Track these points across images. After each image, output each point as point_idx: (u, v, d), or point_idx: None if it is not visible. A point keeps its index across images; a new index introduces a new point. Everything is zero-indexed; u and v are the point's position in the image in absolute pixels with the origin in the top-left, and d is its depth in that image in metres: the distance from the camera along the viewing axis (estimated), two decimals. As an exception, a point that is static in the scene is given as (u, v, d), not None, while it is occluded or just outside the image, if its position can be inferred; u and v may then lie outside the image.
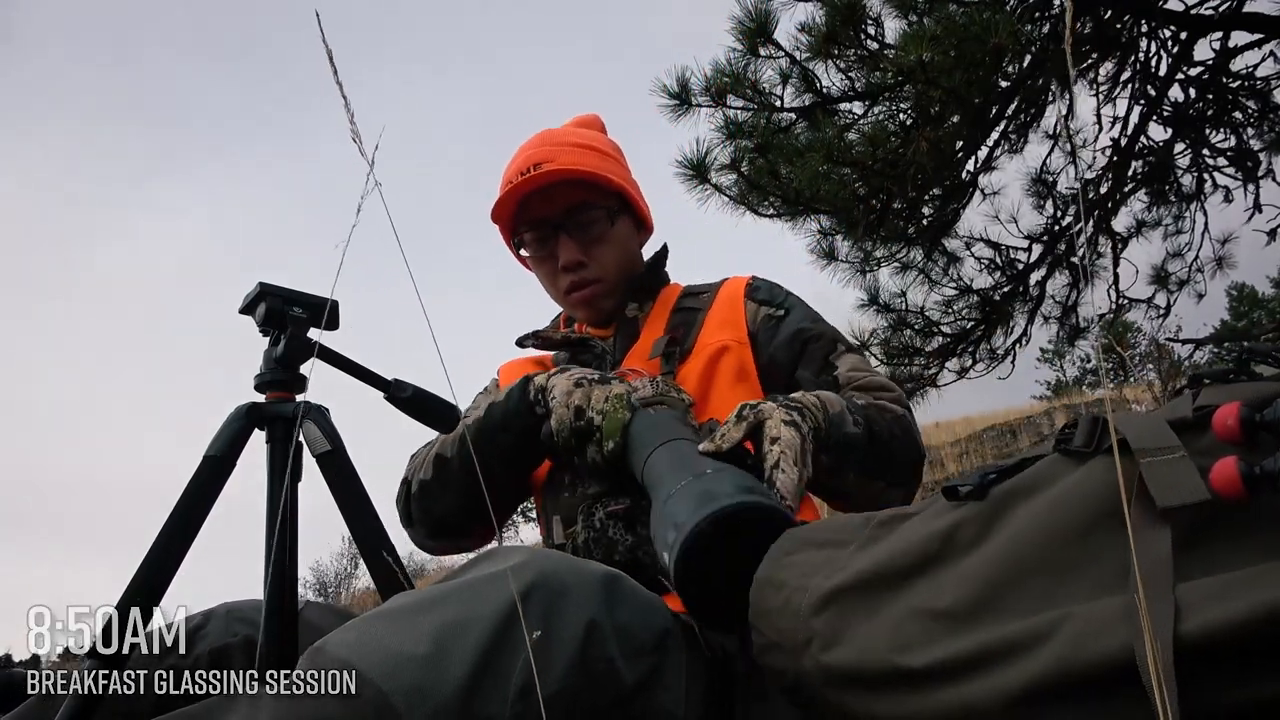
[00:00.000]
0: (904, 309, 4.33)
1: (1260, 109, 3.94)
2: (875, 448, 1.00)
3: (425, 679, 0.58)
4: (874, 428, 1.01)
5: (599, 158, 1.26)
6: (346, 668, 0.59)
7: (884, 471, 1.01)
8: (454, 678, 0.59)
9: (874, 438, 1.00)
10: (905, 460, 1.04)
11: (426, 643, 0.60)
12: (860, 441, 0.98)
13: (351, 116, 0.73)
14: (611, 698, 0.65)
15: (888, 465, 1.01)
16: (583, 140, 1.28)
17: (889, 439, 1.02)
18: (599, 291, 1.26)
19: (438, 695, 0.58)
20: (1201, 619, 0.43)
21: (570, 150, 1.25)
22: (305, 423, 0.93)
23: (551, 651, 0.62)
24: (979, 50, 2.97)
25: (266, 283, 0.99)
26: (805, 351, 1.17)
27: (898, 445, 1.03)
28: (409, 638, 0.61)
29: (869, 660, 0.55)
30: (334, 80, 0.72)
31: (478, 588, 0.65)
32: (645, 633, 0.69)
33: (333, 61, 0.73)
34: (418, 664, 0.59)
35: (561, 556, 0.71)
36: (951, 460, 7.18)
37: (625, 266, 1.28)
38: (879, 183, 3.51)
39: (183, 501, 0.86)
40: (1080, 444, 0.56)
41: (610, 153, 1.29)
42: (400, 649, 0.60)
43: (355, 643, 0.61)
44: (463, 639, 0.61)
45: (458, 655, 0.60)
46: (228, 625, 1.01)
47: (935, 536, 0.57)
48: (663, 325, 1.24)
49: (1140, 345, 10.45)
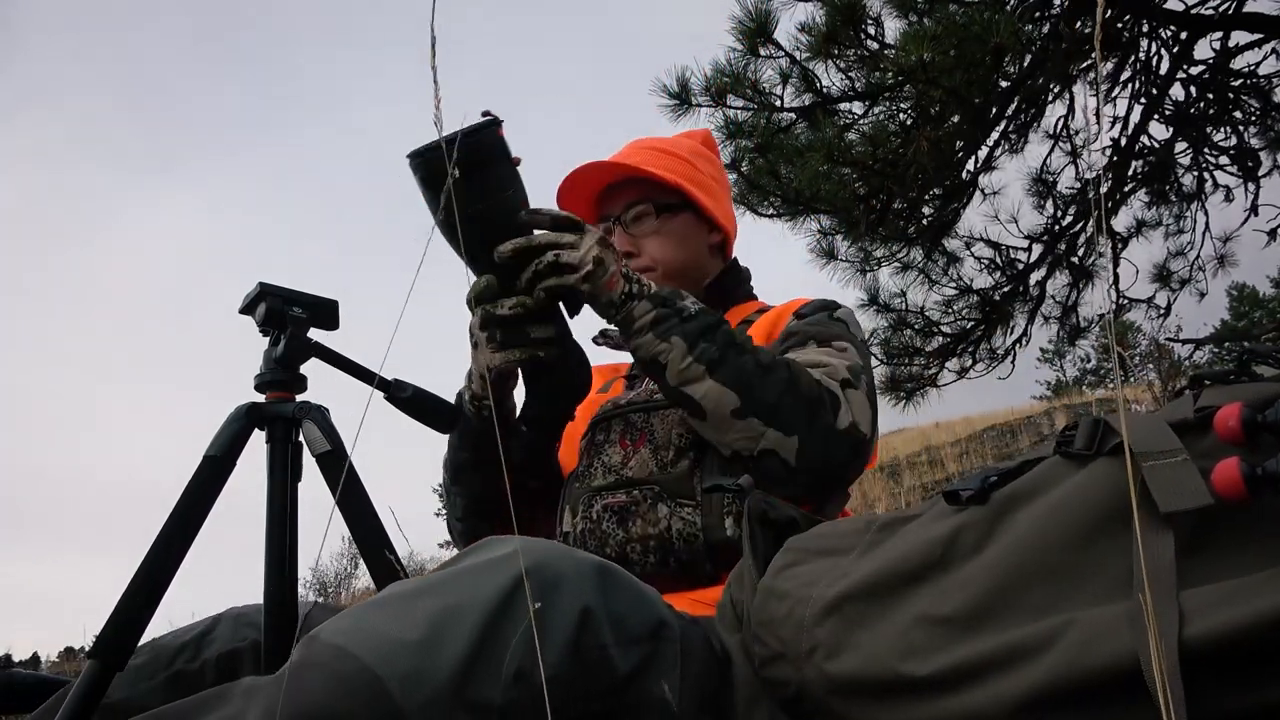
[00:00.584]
0: (904, 309, 4.32)
1: (1261, 108, 3.93)
2: (753, 374, 0.99)
3: (420, 664, 0.59)
4: (763, 359, 1.01)
5: (665, 159, 1.31)
6: (341, 654, 0.59)
7: (755, 402, 0.98)
8: (448, 663, 0.59)
9: (761, 366, 1.00)
10: (790, 401, 0.99)
11: (421, 628, 0.61)
12: (731, 356, 0.99)
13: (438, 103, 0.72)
14: (605, 685, 0.65)
15: (761, 397, 0.98)
16: (660, 145, 1.34)
17: (774, 378, 0.99)
18: (651, 279, 1.24)
19: (432, 680, 0.58)
20: (1206, 624, 0.43)
21: (639, 152, 1.32)
22: (305, 423, 0.93)
23: (545, 638, 0.63)
24: (979, 50, 2.97)
25: (266, 283, 0.99)
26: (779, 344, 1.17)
27: (783, 384, 0.99)
28: (404, 624, 0.61)
29: (873, 669, 0.55)
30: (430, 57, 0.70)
31: (472, 574, 0.65)
32: (639, 622, 0.70)
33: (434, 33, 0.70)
34: (412, 650, 0.59)
35: (553, 545, 0.71)
36: (951, 460, 7.18)
37: (681, 261, 1.30)
38: (879, 183, 3.51)
39: (183, 501, 0.86)
40: (1081, 446, 0.56)
41: (684, 156, 1.33)
42: (395, 635, 0.60)
43: (350, 629, 0.61)
44: (457, 625, 0.61)
45: (452, 641, 0.60)
46: (235, 630, 1.01)
47: (937, 542, 0.57)
48: None
49: (1140, 345, 10.45)
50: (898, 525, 0.64)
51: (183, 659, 0.99)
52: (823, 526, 0.74)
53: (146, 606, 0.82)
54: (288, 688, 0.57)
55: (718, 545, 1.01)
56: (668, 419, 1.11)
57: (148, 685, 0.96)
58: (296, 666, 0.59)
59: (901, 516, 0.65)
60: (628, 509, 1.05)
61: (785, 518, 0.82)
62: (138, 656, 0.97)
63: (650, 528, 1.03)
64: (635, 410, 1.15)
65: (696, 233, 1.32)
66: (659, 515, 1.03)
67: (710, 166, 1.38)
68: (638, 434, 1.12)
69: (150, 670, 0.98)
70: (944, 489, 0.62)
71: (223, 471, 0.89)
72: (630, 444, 1.11)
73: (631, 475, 1.08)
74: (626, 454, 1.11)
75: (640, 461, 1.09)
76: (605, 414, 1.18)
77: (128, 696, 0.94)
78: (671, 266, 1.29)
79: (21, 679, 0.98)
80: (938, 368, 4.34)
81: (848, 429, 1.01)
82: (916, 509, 0.65)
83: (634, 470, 1.08)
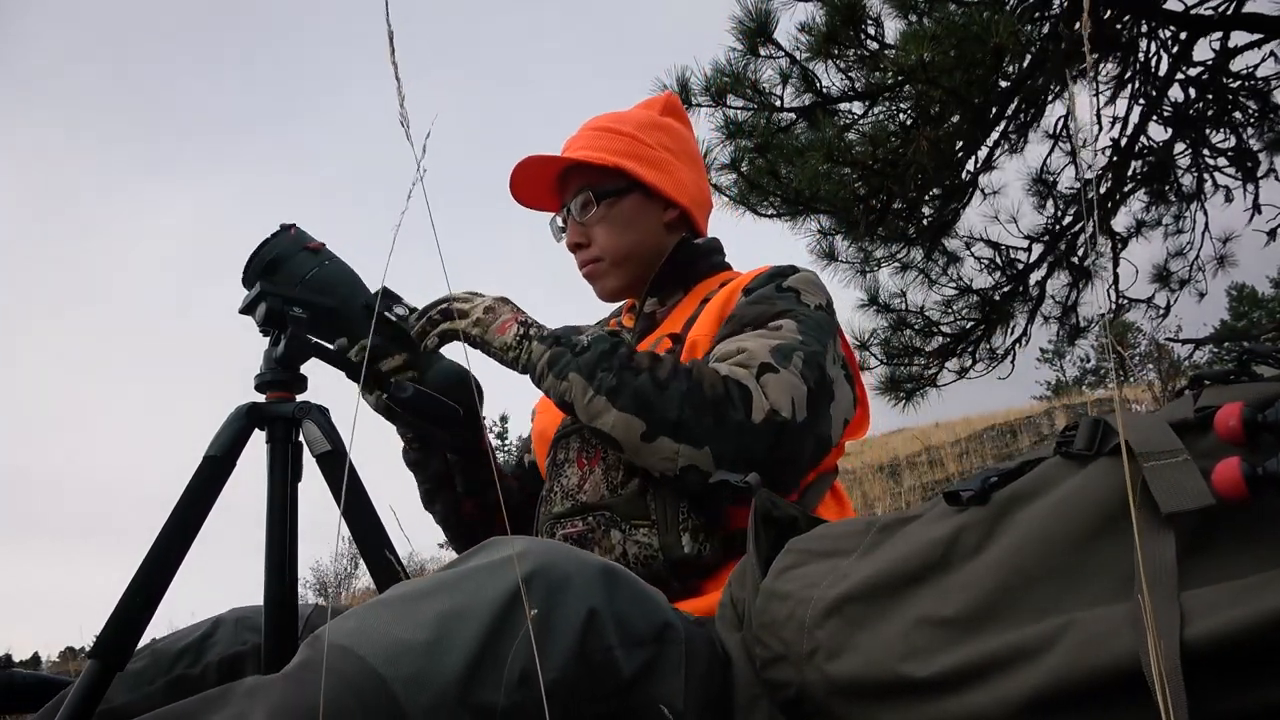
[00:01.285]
0: (904, 309, 4.32)
1: (1260, 109, 3.93)
2: (651, 394, 0.95)
3: (424, 666, 0.59)
4: (660, 375, 0.96)
5: (606, 139, 1.24)
6: (346, 655, 0.59)
7: (659, 422, 0.94)
8: (453, 665, 0.59)
9: (658, 384, 0.96)
10: (690, 413, 0.93)
11: (426, 630, 0.60)
12: (628, 380, 0.96)
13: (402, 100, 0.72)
14: (610, 687, 0.65)
15: (664, 415, 0.94)
16: (606, 123, 1.27)
17: (672, 391, 0.95)
18: (598, 270, 1.26)
19: (437, 683, 0.58)
20: (1208, 625, 0.43)
21: (583, 135, 1.27)
22: (305, 423, 0.92)
23: (551, 640, 0.63)
24: (979, 50, 2.97)
25: (266, 283, 0.98)
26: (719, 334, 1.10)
27: (681, 396, 0.95)
28: (409, 625, 0.61)
29: (874, 670, 0.55)
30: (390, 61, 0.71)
31: (478, 576, 0.65)
32: (644, 624, 0.69)
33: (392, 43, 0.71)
34: (417, 651, 0.59)
35: (560, 546, 0.71)
36: (951, 460, 7.17)
37: (629, 246, 1.24)
38: (879, 183, 3.51)
39: (183, 501, 0.86)
40: (1082, 447, 0.56)
41: (628, 132, 1.25)
42: (400, 636, 0.60)
43: (354, 630, 0.61)
44: (462, 627, 0.61)
45: (457, 643, 0.60)
46: (236, 633, 1.01)
47: (938, 543, 0.57)
48: (683, 320, 1.19)
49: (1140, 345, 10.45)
50: (898, 526, 0.64)
51: (183, 663, 0.98)
52: (823, 527, 0.74)
53: (147, 607, 0.82)
54: (292, 688, 0.57)
55: (678, 563, 0.97)
56: None
57: (148, 690, 0.95)
58: (301, 666, 0.59)
59: (902, 517, 0.65)
60: (585, 536, 1.03)
61: (787, 516, 0.82)
62: (137, 660, 0.97)
63: (606, 554, 1.00)
64: None
65: (645, 213, 1.24)
66: (612, 541, 1.01)
67: (662, 135, 1.28)
68: (592, 451, 1.09)
69: (151, 675, 0.97)
70: (945, 490, 0.62)
71: (223, 472, 0.89)
72: (586, 463, 1.09)
73: (585, 500, 1.06)
74: (582, 475, 1.08)
75: (593, 484, 1.06)
76: (563, 431, 1.15)
77: (129, 701, 0.93)
78: (618, 253, 1.24)
79: (22, 679, 0.98)
80: (937, 368, 4.34)
81: (764, 419, 0.94)
82: (917, 510, 0.65)
83: (588, 495, 1.06)
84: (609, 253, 1.24)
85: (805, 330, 1.04)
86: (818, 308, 1.11)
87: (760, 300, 1.10)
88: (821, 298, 1.14)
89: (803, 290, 1.12)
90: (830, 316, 1.12)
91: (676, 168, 1.26)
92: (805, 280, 1.15)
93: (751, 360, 0.99)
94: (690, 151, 1.32)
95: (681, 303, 1.25)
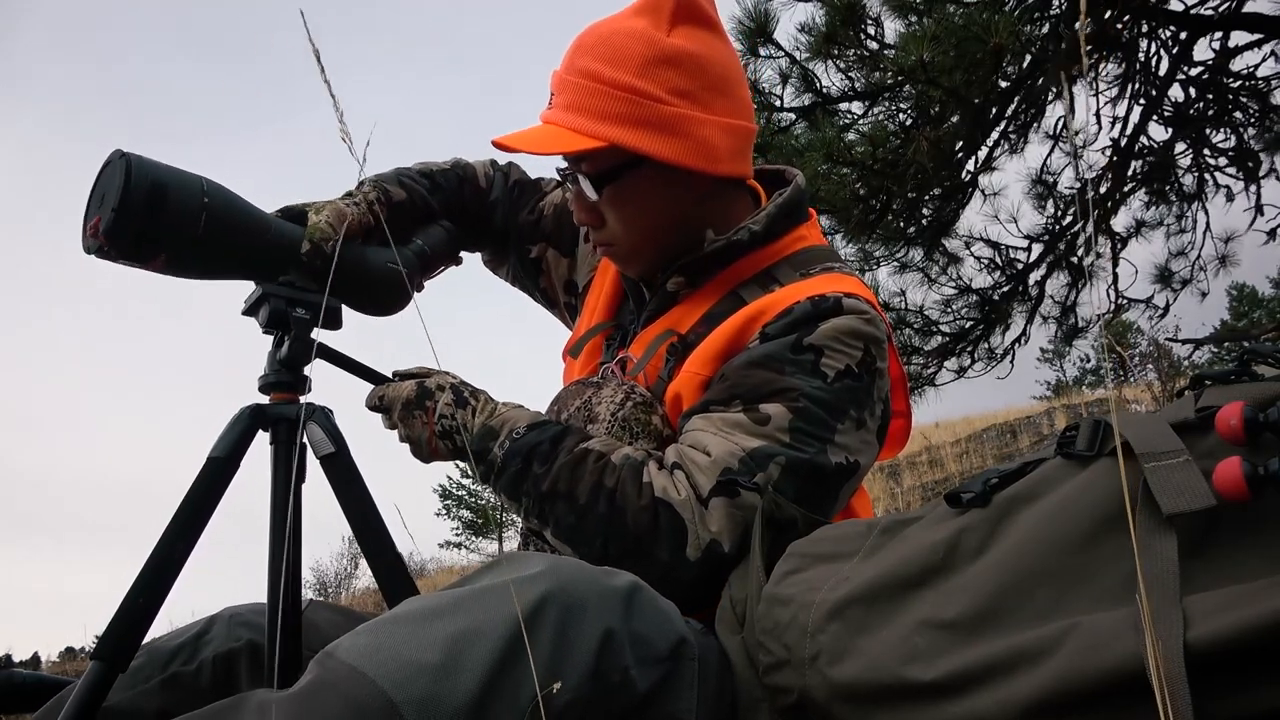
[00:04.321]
0: (904, 308, 4.33)
1: (1260, 109, 3.93)
2: (572, 526, 0.88)
3: (436, 690, 0.57)
4: (579, 497, 0.88)
5: (599, 99, 0.96)
6: (356, 676, 0.58)
7: (586, 552, 0.87)
8: (465, 689, 0.58)
9: (577, 510, 0.88)
10: (615, 551, 0.85)
11: (438, 651, 0.59)
12: (548, 510, 0.90)
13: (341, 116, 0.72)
14: (625, 706, 0.64)
15: (589, 548, 0.87)
16: (599, 71, 0.97)
17: (592, 520, 0.87)
18: (616, 254, 1.07)
19: (448, 706, 0.57)
20: (1210, 627, 0.43)
21: (570, 88, 0.99)
22: (309, 424, 0.92)
23: (566, 661, 0.62)
24: (979, 50, 2.97)
25: (267, 286, 0.98)
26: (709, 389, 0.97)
27: (601, 526, 0.87)
28: (421, 645, 0.60)
29: (876, 674, 0.55)
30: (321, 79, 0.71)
31: (491, 596, 0.63)
32: (660, 640, 0.68)
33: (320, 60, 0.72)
34: (429, 674, 0.58)
35: (579, 565, 0.70)
36: (952, 460, 7.17)
37: (646, 229, 1.03)
38: (879, 183, 3.51)
39: (187, 502, 0.86)
40: (1082, 448, 0.56)
41: (626, 83, 0.95)
42: (412, 657, 0.59)
43: (366, 649, 0.60)
44: (475, 649, 0.60)
45: (469, 666, 0.59)
46: (230, 630, 1.00)
47: (939, 545, 0.57)
48: (705, 307, 1.03)
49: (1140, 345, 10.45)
50: (899, 528, 0.64)
51: (178, 661, 0.98)
52: (824, 530, 0.74)
53: (150, 608, 0.82)
54: (301, 709, 0.56)
55: None
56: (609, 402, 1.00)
57: (144, 688, 0.95)
58: (312, 686, 0.58)
59: (903, 519, 0.65)
60: None
61: (787, 518, 0.82)
62: (134, 659, 0.97)
63: None
64: None
65: (664, 189, 1.00)
66: None
67: (672, 74, 0.96)
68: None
69: (146, 673, 0.97)
70: (945, 491, 0.62)
71: (227, 473, 0.89)
72: None
73: None
74: None
75: None
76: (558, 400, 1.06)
77: (124, 699, 0.93)
78: (635, 239, 1.03)
79: (22, 679, 0.98)
80: (937, 367, 4.35)
81: (701, 554, 0.83)
82: (918, 511, 0.65)
83: None
84: (624, 239, 1.04)
85: (798, 423, 0.89)
86: (838, 376, 0.92)
87: (766, 363, 0.92)
88: (851, 357, 0.93)
89: (827, 350, 0.92)
90: (857, 380, 0.93)
91: (698, 121, 0.97)
92: (838, 333, 0.93)
93: (707, 474, 0.87)
94: (718, 78, 0.99)
95: (711, 284, 1.04)
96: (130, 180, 0.85)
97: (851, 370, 0.93)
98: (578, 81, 0.98)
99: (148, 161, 0.87)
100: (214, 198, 0.91)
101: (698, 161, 0.97)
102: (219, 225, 0.90)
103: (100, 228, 0.85)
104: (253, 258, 0.96)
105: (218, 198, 0.91)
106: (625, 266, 1.10)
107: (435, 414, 0.98)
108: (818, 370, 0.92)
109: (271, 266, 0.97)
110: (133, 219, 0.85)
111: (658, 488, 0.87)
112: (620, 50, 0.97)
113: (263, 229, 0.97)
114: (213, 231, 0.90)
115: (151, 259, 0.89)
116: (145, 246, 0.87)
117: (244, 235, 0.94)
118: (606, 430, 0.98)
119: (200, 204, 0.89)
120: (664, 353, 1.02)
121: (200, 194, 0.90)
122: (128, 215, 0.85)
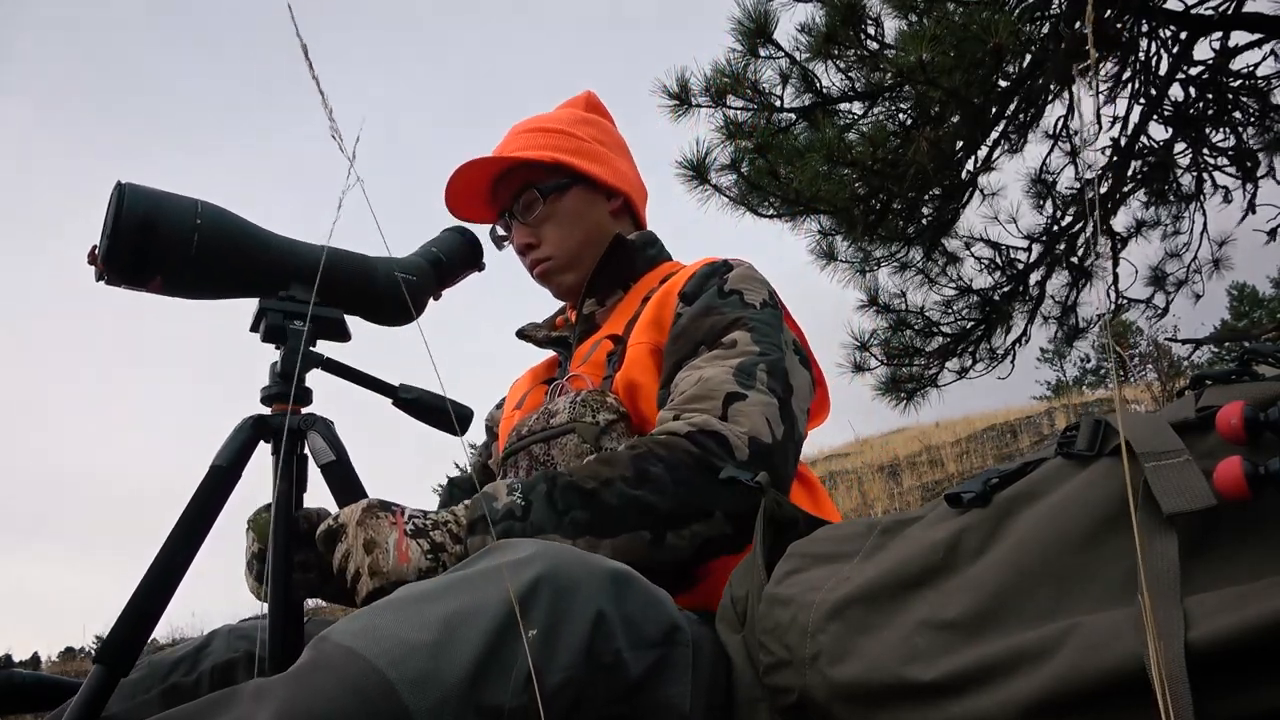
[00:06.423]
0: (904, 309, 4.33)
1: (1260, 109, 3.94)
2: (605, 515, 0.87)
3: (431, 667, 0.58)
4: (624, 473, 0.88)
5: (541, 137, 1.23)
6: (351, 656, 0.58)
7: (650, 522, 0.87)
8: (459, 666, 0.59)
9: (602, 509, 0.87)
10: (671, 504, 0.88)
11: (433, 631, 0.60)
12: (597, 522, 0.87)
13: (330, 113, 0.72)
14: (618, 689, 0.65)
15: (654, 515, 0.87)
16: (536, 124, 1.27)
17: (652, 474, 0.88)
18: (551, 268, 1.24)
19: (443, 684, 0.58)
20: (1212, 627, 0.43)
21: (516, 138, 1.25)
22: (310, 434, 0.94)
23: (559, 641, 0.62)
24: (979, 50, 2.97)
25: (266, 300, 0.99)
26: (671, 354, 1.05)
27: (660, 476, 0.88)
28: (415, 626, 0.60)
29: (876, 674, 0.55)
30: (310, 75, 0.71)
31: (486, 577, 0.65)
32: (653, 625, 0.69)
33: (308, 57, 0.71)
34: (424, 652, 0.59)
35: (571, 550, 0.71)
36: (952, 460, 7.18)
37: (579, 241, 1.23)
38: (879, 183, 3.51)
39: (189, 510, 0.88)
40: (1083, 447, 0.56)
41: (559, 129, 1.25)
42: (406, 637, 0.60)
43: (360, 631, 0.61)
44: (469, 628, 0.60)
45: (464, 644, 0.60)
46: (229, 643, 1.02)
47: (940, 545, 0.57)
48: (624, 321, 1.17)
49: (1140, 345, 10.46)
50: (900, 528, 0.64)
51: (179, 672, 1.00)
52: (825, 529, 0.74)
53: (152, 612, 0.83)
54: (297, 689, 0.57)
55: None
56: (567, 448, 1.02)
57: (144, 698, 0.97)
58: (306, 668, 0.59)
59: (903, 519, 0.65)
60: None
61: (788, 517, 0.83)
62: (134, 671, 0.98)
63: None
64: (536, 441, 1.05)
65: (591, 205, 1.24)
66: None
67: (592, 129, 1.29)
68: (541, 469, 1.03)
69: (146, 684, 0.98)
70: (946, 491, 0.62)
71: (229, 481, 0.90)
72: None
73: None
74: None
75: None
76: (511, 448, 1.09)
77: (124, 710, 0.94)
78: (569, 249, 1.23)
79: (22, 679, 0.98)
80: (938, 368, 4.35)
81: (750, 450, 0.91)
82: (918, 511, 0.65)
83: None
84: (560, 250, 1.23)
85: (760, 338, 1.01)
86: (763, 304, 1.07)
87: (708, 311, 1.05)
88: (764, 291, 1.10)
89: (745, 289, 1.08)
90: (775, 308, 1.09)
91: (612, 158, 1.27)
92: (744, 277, 1.10)
93: (715, 392, 0.95)
94: (620, 143, 1.33)
95: (622, 302, 1.22)
96: (123, 207, 0.89)
97: (768, 303, 1.09)
98: (518, 135, 1.25)
99: (142, 189, 0.91)
100: (207, 220, 0.94)
101: (614, 180, 1.25)
102: (212, 246, 0.94)
103: (98, 255, 0.91)
104: (252, 276, 0.99)
105: (211, 220, 0.94)
106: (561, 279, 1.25)
107: (404, 514, 0.86)
108: (746, 304, 1.07)
109: (273, 283, 1.00)
110: (125, 244, 0.89)
111: (680, 429, 0.94)
112: (550, 117, 1.30)
113: (263, 247, 0.99)
114: (205, 252, 0.93)
115: (148, 281, 0.93)
116: (140, 270, 0.91)
117: (240, 255, 0.97)
118: (568, 415, 1.03)
119: (192, 225, 0.92)
120: (604, 357, 1.13)
121: (193, 216, 0.93)
122: (120, 240, 0.89)
